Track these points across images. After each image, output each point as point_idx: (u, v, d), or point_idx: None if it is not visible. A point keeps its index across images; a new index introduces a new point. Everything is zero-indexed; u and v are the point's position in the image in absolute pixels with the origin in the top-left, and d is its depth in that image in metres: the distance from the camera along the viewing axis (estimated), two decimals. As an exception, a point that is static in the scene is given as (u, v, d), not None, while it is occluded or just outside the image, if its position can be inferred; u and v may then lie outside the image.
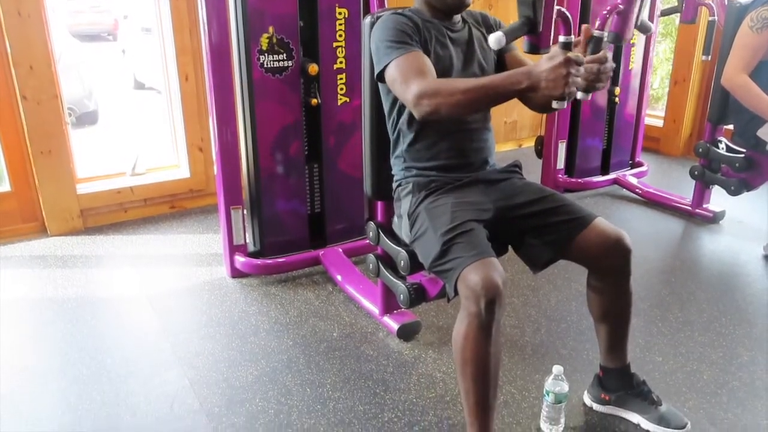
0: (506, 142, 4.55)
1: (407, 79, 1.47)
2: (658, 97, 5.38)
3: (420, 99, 1.42)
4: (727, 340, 2.13)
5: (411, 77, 1.47)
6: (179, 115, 3.24)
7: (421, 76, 1.47)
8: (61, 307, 2.36)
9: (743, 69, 2.57)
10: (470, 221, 1.50)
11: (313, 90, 2.48)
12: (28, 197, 2.98)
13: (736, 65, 2.58)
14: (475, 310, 1.33)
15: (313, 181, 2.64)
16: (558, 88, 1.28)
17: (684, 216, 3.26)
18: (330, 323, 2.24)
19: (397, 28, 1.57)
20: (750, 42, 2.56)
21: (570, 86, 1.28)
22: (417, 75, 1.47)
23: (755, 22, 2.53)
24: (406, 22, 1.60)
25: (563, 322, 2.24)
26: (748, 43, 2.57)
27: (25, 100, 2.78)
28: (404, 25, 1.59)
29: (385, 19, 1.62)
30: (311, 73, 2.43)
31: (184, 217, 3.26)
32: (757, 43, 2.54)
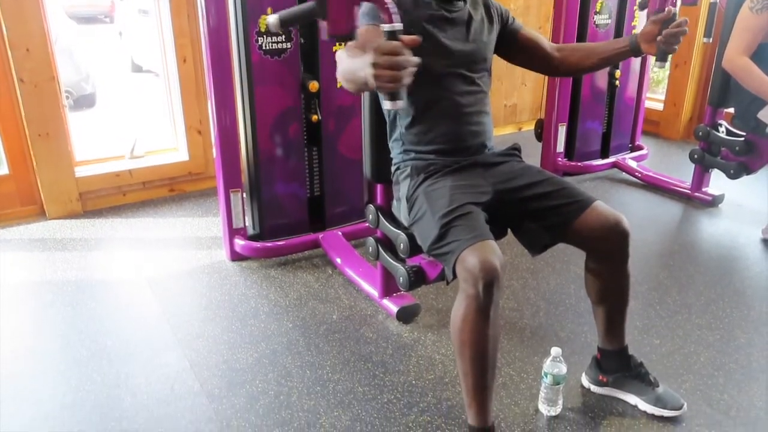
0: (506, 125, 4.54)
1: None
2: (659, 81, 5.36)
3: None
4: (724, 323, 2.14)
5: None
6: (177, 98, 3.22)
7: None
8: (61, 289, 2.36)
9: (744, 51, 2.55)
10: (469, 204, 1.50)
11: (313, 106, 2.49)
12: (26, 180, 2.97)
13: (737, 47, 2.57)
14: (473, 292, 1.34)
15: (313, 164, 2.63)
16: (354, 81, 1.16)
17: (683, 199, 3.26)
18: (329, 306, 2.25)
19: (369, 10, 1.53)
20: (751, 24, 2.54)
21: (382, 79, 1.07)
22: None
23: (755, 3, 2.52)
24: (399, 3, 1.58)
25: (561, 305, 2.25)
26: (748, 25, 2.55)
27: (22, 83, 2.77)
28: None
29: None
30: (311, 90, 2.45)
31: (183, 201, 3.26)
32: (757, 25, 2.52)
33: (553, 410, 1.69)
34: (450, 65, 1.66)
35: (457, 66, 1.67)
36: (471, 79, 1.70)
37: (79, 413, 1.70)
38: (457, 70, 1.67)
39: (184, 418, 1.69)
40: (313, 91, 2.46)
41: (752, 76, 2.54)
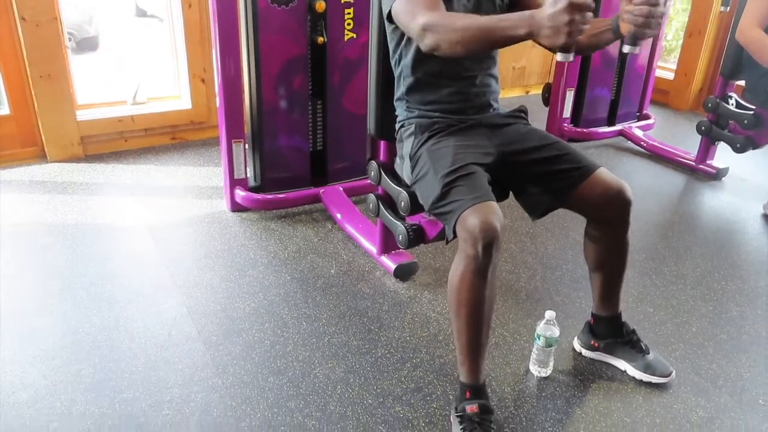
0: (513, 87, 4.48)
1: (415, 11, 1.42)
2: (671, 49, 5.26)
3: (424, 32, 1.38)
4: (718, 295, 2.16)
5: (418, 9, 1.41)
6: (181, 45, 3.17)
7: (428, 9, 1.41)
8: (61, 232, 2.37)
9: (758, 23, 2.50)
10: (472, 164, 1.49)
11: (319, 27, 2.42)
12: (27, 121, 2.94)
13: (751, 19, 2.52)
14: (473, 252, 1.34)
15: (317, 117, 2.61)
16: (560, 36, 1.17)
17: (687, 171, 3.24)
18: (328, 260, 2.26)
19: None
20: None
21: (574, 35, 1.17)
22: (424, 7, 1.41)
23: None
24: None
25: (558, 269, 2.27)
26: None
27: (23, 22, 2.72)
28: None
29: None
30: (318, 10, 2.37)
31: (185, 149, 3.25)
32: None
33: (543, 372, 1.72)
34: None
35: None
36: None
37: (78, 353, 1.73)
38: None
39: (181, 362, 1.71)
40: (320, 11, 2.38)
41: (765, 50, 2.50)
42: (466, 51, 1.37)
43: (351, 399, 1.61)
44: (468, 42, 1.33)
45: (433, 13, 1.39)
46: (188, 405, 1.56)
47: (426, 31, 1.37)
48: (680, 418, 1.60)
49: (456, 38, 1.33)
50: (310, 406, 1.58)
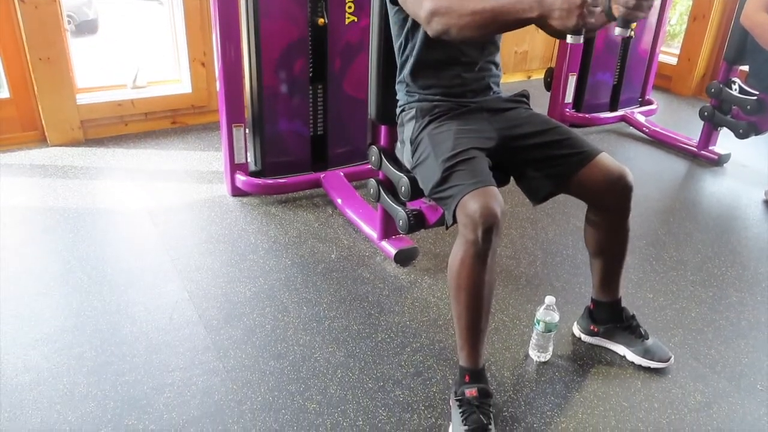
0: (515, 72, 4.46)
1: None
2: (675, 34, 5.22)
3: (432, 16, 1.38)
4: (718, 281, 2.16)
5: None
6: (182, 28, 3.15)
7: None
8: (62, 216, 2.37)
9: (764, 7, 2.48)
10: (472, 149, 1.49)
11: (320, 8, 2.40)
12: (27, 105, 2.93)
13: (757, 3, 2.49)
14: (472, 237, 1.34)
15: (317, 102, 2.60)
16: (571, 18, 1.19)
17: (689, 157, 3.23)
18: (328, 245, 2.26)
19: None
20: None
21: (585, 18, 1.19)
22: None
23: None
24: None
25: (558, 255, 2.27)
26: None
27: (22, 3, 2.69)
28: None
29: None
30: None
31: (186, 133, 3.24)
32: None
33: (543, 356, 1.73)
34: None
35: None
36: None
37: (80, 337, 1.74)
38: None
39: (182, 346, 1.72)
40: None
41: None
42: (476, 35, 1.38)
43: (351, 383, 1.62)
44: (479, 26, 1.33)
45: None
46: (189, 388, 1.57)
47: (434, 16, 1.37)
48: (678, 402, 1.61)
49: (466, 22, 1.33)
50: (310, 389, 1.59)
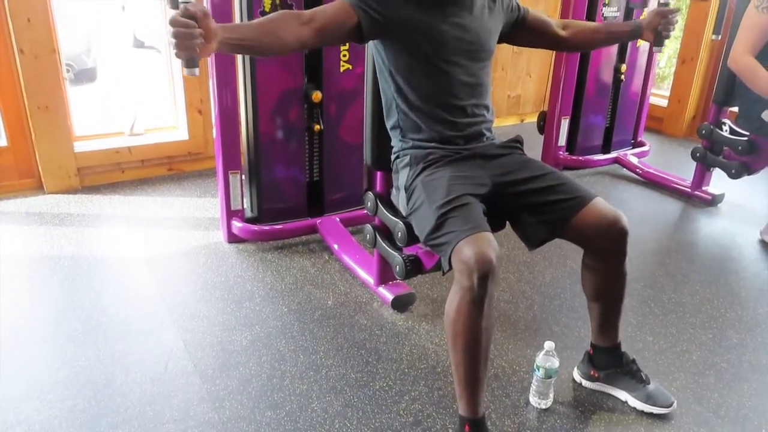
0: (509, 116, 4.52)
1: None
2: (664, 77, 5.33)
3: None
4: (717, 323, 2.15)
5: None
6: (179, 76, 3.20)
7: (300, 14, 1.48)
8: (57, 264, 2.36)
9: (750, 50, 2.54)
10: (466, 195, 1.50)
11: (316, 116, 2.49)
12: (24, 153, 2.95)
13: (743, 46, 2.55)
14: (468, 284, 1.34)
15: (313, 148, 2.62)
16: (174, 52, 1.22)
17: (683, 198, 3.25)
18: (325, 291, 2.25)
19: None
20: (756, 22, 2.53)
21: (184, 49, 1.20)
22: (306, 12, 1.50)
23: (761, 2, 2.51)
24: None
25: (557, 299, 2.26)
26: (754, 24, 2.54)
27: (22, 54, 2.74)
28: None
29: None
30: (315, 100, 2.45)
31: (182, 180, 3.25)
32: (763, 24, 2.51)
33: (543, 403, 1.70)
34: (450, 54, 1.63)
35: (458, 56, 1.64)
36: (471, 70, 1.66)
37: (73, 388, 1.70)
38: (458, 60, 1.64)
39: (177, 397, 1.69)
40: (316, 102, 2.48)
41: (757, 76, 2.52)
42: None
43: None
44: None
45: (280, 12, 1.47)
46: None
47: None
48: (683, 450, 1.58)
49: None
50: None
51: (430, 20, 1.60)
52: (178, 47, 1.20)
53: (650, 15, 1.80)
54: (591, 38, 1.92)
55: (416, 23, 1.59)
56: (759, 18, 2.51)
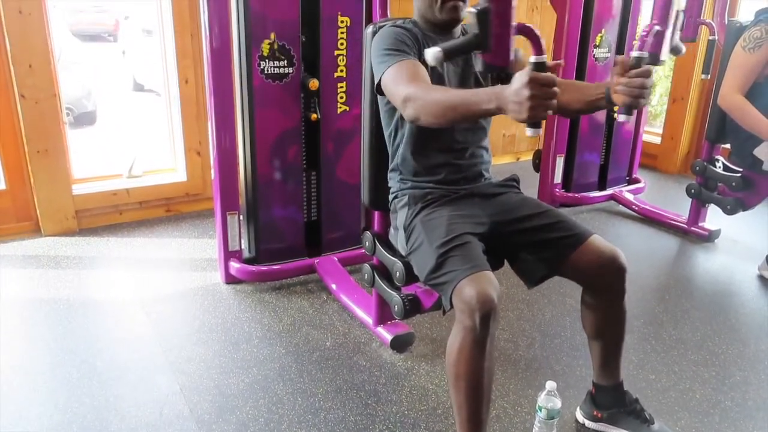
0: (504, 155, 4.56)
1: (397, 83, 1.47)
2: (656, 114, 5.41)
3: (405, 102, 1.41)
4: (720, 360, 2.13)
5: (401, 81, 1.46)
6: (178, 118, 3.23)
7: (412, 81, 1.45)
8: (53, 308, 2.34)
9: (739, 89, 2.59)
10: (466, 234, 1.50)
11: (313, 104, 2.48)
12: (23, 196, 2.96)
13: (732, 85, 2.60)
14: (470, 324, 1.33)
15: (311, 188, 2.63)
16: (522, 111, 1.16)
17: (679, 234, 3.26)
18: (323, 332, 2.23)
19: (395, 38, 1.58)
20: (744, 62, 2.58)
21: (537, 110, 1.15)
22: (408, 80, 1.45)
23: (747, 42, 2.57)
24: (405, 33, 1.61)
25: (557, 337, 2.24)
26: (742, 63, 2.60)
27: (23, 99, 2.77)
28: (402, 35, 1.59)
29: (384, 30, 1.63)
30: (312, 88, 2.44)
31: (180, 221, 3.25)
32: (750, 63, 2.57)
33: (546, 445, 1.67)
34: None
35: None
36: None
37: (65, 436, 1.67)
38: None
39: (172, 443, 1.66)
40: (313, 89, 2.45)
41: (746, 115, 2.57)
42: (442, 122, 1.39)
43: (349, 479, 1.55)
44: (442, 114, 1.35)
45: (413, 85, 1.43)
46: (179, 489, 1.50)
47: (407, 102, 1.41)
48: (690, 492, 1.54)
49: (432, 110, 1.36)
50: (306, 487, 1.52)
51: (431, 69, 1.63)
52: (537, 109, 1.14)
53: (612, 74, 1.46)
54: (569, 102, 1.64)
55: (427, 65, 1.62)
56: (746, 58, 2.57)
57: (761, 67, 2.57)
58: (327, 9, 2.41)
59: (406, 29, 1.63)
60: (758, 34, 2.55)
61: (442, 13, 1.61)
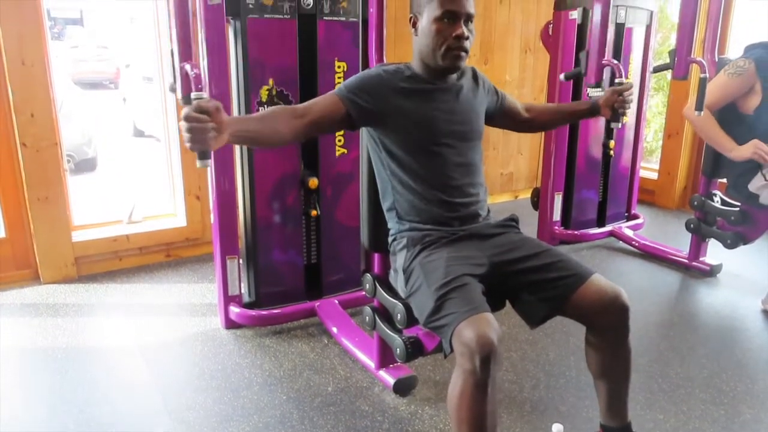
0: (502, 193, 4.58)
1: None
2: (652, 150, 5.45)
3: None
4: (728, 397, 2.09)
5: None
6: (177, 163, 3.26)
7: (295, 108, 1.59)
8: (51, 356, 2.31)
9: (708, 105, 2.67)
10: (465, 275, 1.49)
11: (313, 200, 2.54)
12: (22, 244, 2.96)
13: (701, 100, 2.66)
14: (470, 367, 1.31)
15: (310, 231, 2.63)
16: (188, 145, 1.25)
17: (681, 269, 3.25)
18: (325, 377, 2.20)
19: (359, 78, 1.68)
20: (722, 83, 2.70)
21: (190, 142, 1.24)
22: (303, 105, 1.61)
23: (731, 68, 2.68)
24: (375, 76, 1.68)
25: (562, 377, 2.21)
26: (719, 84, 2.71)
27: (24, 147, 2.80)
28: (369, 79, 1.67)
29: (368, 70, 1.72)
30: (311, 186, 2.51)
31: (180, 266, 3.24)
32: (727, 86, 2.68)
33: (555, 490, 1.63)
34: (440, 137, 1.68)
35: (448, 137, 1.69)
36: (462, 151, 1.71)
37: (61, 491, 1.63)
38: (449, 141, 1.69)
39: (171, 496, 1.62)
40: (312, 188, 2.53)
41: (705, 127, 2.71)
42: None
43: None
44: None
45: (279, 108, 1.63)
46: None
47: None
48: None
49: None
50: None
51: (419, 108, 1.66)
52: (192, 141, 1.23)
53: (606, 92, 1.88)
54: (552, 118, 2.05)
55: (406, 112, 1.65)
56: (725, 80, 2.68)
57: (736, 92, 2.67)
58: (324, 55, 2.45)
59: (384, 71, 1.69)
60: (742, 63, 2.65)
61: (444, 60, 1.64)
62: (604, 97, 1.89)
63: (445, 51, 1.62)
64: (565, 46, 3.29)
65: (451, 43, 1.61)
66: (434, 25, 1.61)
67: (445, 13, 1.60)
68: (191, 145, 1.24)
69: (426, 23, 1.64)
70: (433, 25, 1.61)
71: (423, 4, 1.65)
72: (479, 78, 1.82)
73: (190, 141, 1.24)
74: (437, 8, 1.60)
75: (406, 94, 1.66)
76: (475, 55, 4.14)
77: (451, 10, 1.60)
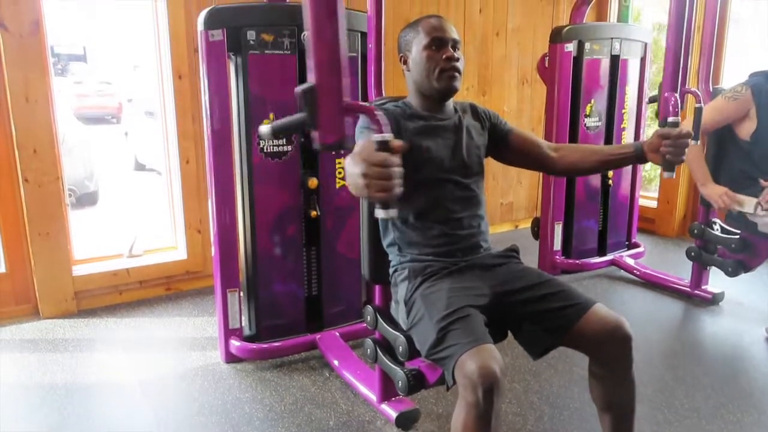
0: (502, 223, 4.59)
1: None
2: (650, 179, 5.48)
3: None
4: (736, 428, 2.06)
5: None
6: (179, 197, 3.27)
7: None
8: (49, 393, 2.29)
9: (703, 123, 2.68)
10: (467, 307, 1.49)
11: (313, 201, 2.54)
12: (22, 279, 2.95)
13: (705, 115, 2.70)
14: (473, 399, 1.30)
15: (311, 263, 2.63)
16: (359, 190, 1.15)
17: (683, 297, 3.23)
18: (326, 411, 2.17)
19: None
20: (718, 106, 2.73)
21: (369, 189, 1.11)
22: None
23: (729, 92, 2.72)
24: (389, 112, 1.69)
25: (566, 409, 2.18)
26: (715, 106, 2.74)
27: (26, 183, 2.82)
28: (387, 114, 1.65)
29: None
30: (311, 186, 2.50)
31: (180, 299, 3.23)
32: (723, 109, 2.71)
33: None
34: (442, 173, 1.70)
35: (450, 173, 1.71)
36: (464, 185, 1.73)
37: None
38: (450, 176, 1.71)
39: None
40: (313, 188, 2.50)
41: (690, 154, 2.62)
42: None
43: None
44: None
45: None
46: None
47: None
48: None
49: None
50: None
51: (420, 144, 1.68)
52: (373, 188, 1.10)
53: (653, 136, 1.63)
54: (584, 159, 1.80)
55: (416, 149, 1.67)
56: (721, 103, 2.72)
57: (732, 115, 2.71)
58: (324, 89, 2.48)
59: (390, 111, 1.70)
60: (740, 89, 2.69)
61: (439, 83, 1.68)
62: (648, 141, 1.64)
63: (439, 73, 1.67)
64: (562, 77, 3.33)
65: (443, 65, 1.66)
66: (424, 52, 1.68)
67: (433, 40, 1.67)
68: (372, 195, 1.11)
69: (416, 54, 1.70)
70: (424, 52, 1.68)
71: (410, 40, 1.73)
72: (479, 112, 1.84)
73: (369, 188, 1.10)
74: (425, 37, 1.68)
75: (416, 129, 1.69)
76: (473, 87, 4.19)
77: (438, 37, 1.68)
